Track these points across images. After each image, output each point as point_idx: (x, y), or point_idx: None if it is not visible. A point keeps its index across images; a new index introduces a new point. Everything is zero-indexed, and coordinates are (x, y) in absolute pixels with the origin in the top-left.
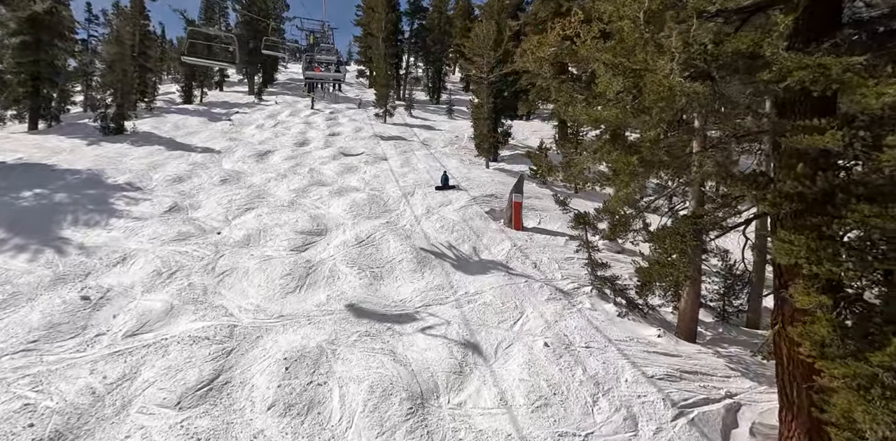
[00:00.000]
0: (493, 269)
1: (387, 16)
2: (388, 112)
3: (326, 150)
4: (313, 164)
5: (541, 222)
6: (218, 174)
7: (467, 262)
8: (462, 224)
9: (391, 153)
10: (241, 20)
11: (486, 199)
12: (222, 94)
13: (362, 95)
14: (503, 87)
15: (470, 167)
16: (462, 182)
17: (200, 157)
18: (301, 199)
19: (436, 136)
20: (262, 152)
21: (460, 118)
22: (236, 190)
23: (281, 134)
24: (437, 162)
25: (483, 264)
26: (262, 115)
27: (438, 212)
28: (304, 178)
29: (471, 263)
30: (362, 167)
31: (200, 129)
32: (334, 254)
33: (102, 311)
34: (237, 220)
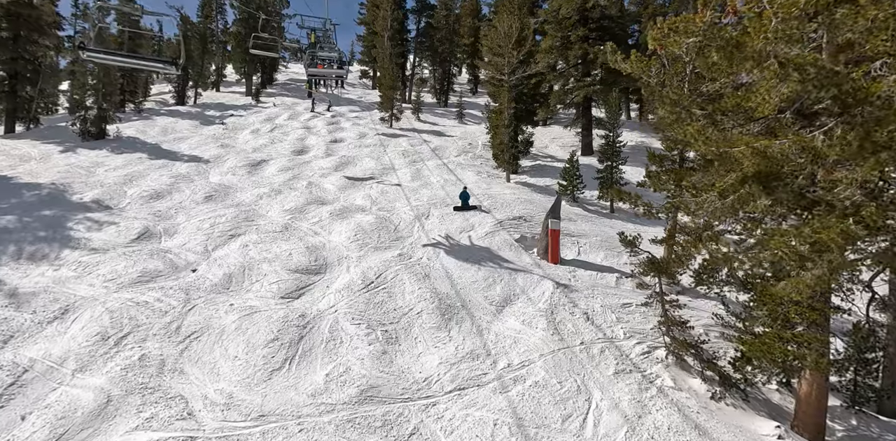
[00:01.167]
0: (537, 324)
1: (392, 13)
2: (395, 116)
3: (328, 160)
4: (312, 176)
5: (580, 253)
6: (203, 189)
7: (502, 313)
8: (490, 257)
9: (400, 164)
10: (238, 17)
11: (513, 222)
12: (218, 95)
13: (365, 97)
14: (525, 90)
15: (489, 181)
16: (483, 200)
17: (186, 168)
18: (297, 223)
19: (447, 143)
20: (256, 162)
21: (471, 123)
22: (222, 210)
23: (278, 140)
24: (451, 174)
25: (523, 316)
26: (259, 118)
27: (460, 240)
28: (302, 195)
29: (507, 314)
30: (368, 184)
31: (190, 134)
32: (336, 303)
33: (6, 409)
34: (218, 252)
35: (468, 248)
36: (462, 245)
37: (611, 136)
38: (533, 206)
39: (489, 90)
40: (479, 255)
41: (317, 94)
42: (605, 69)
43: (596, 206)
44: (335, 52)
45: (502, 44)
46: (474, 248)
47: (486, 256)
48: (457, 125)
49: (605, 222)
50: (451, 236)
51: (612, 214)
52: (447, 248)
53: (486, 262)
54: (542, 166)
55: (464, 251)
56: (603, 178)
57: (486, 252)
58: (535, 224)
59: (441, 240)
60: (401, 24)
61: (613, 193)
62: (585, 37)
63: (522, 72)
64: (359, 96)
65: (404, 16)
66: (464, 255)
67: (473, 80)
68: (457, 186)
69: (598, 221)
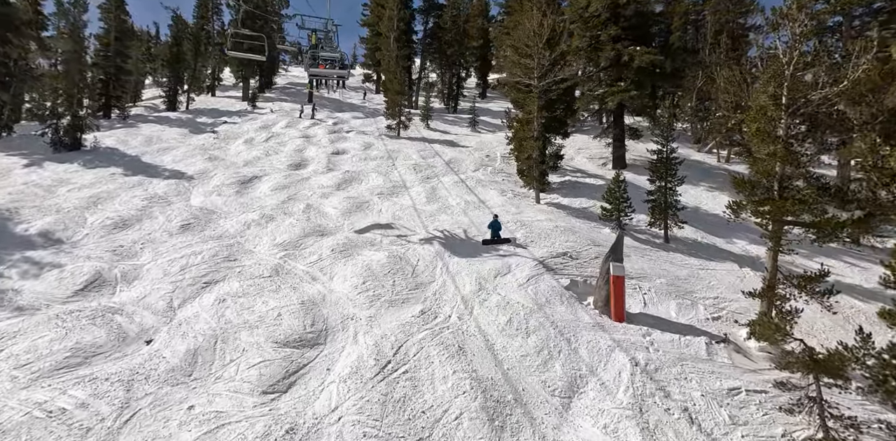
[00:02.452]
0: (625, 432)
1: (399, 13)
2: (403, 124)
3: (329, 177)
4: (311, 196)
5: (646, 303)
6: (180, 215)
7: (571, 410)
8: (538, 315)
9: (412, 180)
10: (235, 17)
11: (557, 261)
12: (213, 100)
13: (369, 102)
14: (555, 96)
15: (517, 203)
16: (514, 229)
17: (164, 187)
18: (290, 263)
19: (462, 155)
20: (247, 179)
21: (485, 131)
22: (199, 244)
23: (273, 151)
24: (472, 194)
25: (601, 416)
26: (254, 125)
27: (496, 289)
28: (298, 222)
29: (578, 413)
30: (376, 202)
31: (177, 144)
32: (340, 401)
33: None
34: (186, 311)
35: (510, 303)
36: (501, 296)
37: (664, 150)
38: (576, 238)
39: (513, 96)
40: (525, 312)
41: (316, 99)
42: (639, 72)
43: (646, 234)
44: (337, 53)
45: (531, 43)
46: (517, 302)
47: (533, 312)
48: (470, 134)
49: (663, 256)
50: (483, 281)
51: (666, 245)
52: (481, 299)
53: (535, 321)
54: (573, 183)
55: (505, 307)
56: (655, 201)
57: (531, 305)
58: (584, 263)
59: (472, 287)
60: (407, 24)
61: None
62: (617, 37)
63: (554, 75)
64: (362, 101)
65: (411, 16)
66: (506, 314)
67: (482, 84)
68: (480, 210)
69: (654, 255)
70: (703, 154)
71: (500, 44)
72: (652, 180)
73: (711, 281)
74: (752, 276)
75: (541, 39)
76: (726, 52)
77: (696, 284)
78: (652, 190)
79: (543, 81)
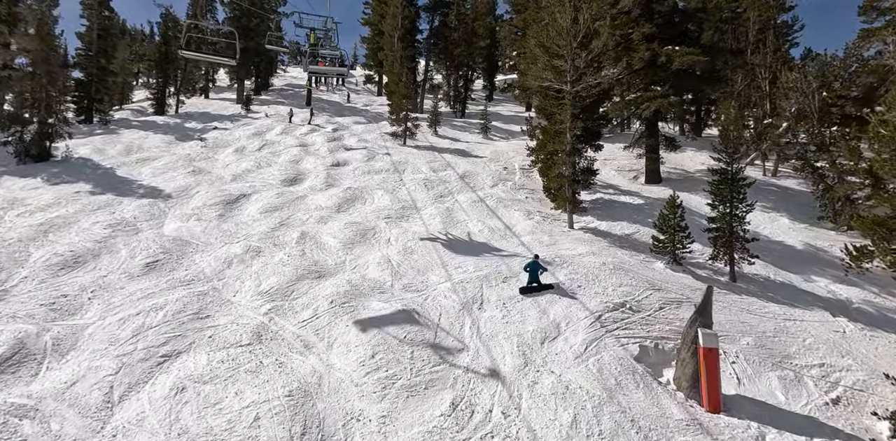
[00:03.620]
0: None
1: (403, 10)
2: (410, 131)
3: (328, 195)
4: (307, 221)
5: (739, 378)
6: (148, 248)
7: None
8: (611, 408)
9: (423, 200)
10: (229, 15)
11: (617, 316)
12: (205, 103)
13: (371, 106)
14: (588, 103)
15: (548, 229)
16: (553, 266)
17: (136, 208)
18: (278, 321)
19: (476, 166)
20: (233, 198)
21: (498, 138)
22: (164, 293)
23: (266, 163)
24: (494, 216)
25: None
26: (247, 132)
27: (547, 363)
28: (291, 259)
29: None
30: (383, 229)
31: (159, 154)
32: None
33: None
34: (127, 410)
35: (569, 388)
36: (556, 377)
37: (728, 171)
38: (630, 280)
39: (539, 103)
40: (593, 404)
41: (314, 102)
42: (678, 75)
43: (706, 270)
44: (336, 51)
45: (562, 42)
46: (579, 386)
47: (603, 404)
48: (482, 141)
49: (735, 302)
50: (528, 349)
51: (734, 284)
52: (530, 382)
53: (610, 420)
54: (607, 203)
55: (562, 392)
56: (719, 230)
57: (599, 391)
58: (649, 318)
59: (515, 361)
60: (412, 23)
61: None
62: (651, 35)
63: (592, 79)
64: (364, 104)
65: (416, 14)
66: (566, 404)
67: (489, 87)
68: (507, 240)
69: (725, 300)
70: (746, 166)
71: (509, 44)
72: (713, 205)
73: (806, 338)
74: (853, 331)
75: (574, 37)
76: (773, 52)
77: (790, 344)
78: (714, 216)
79: (577, 86)
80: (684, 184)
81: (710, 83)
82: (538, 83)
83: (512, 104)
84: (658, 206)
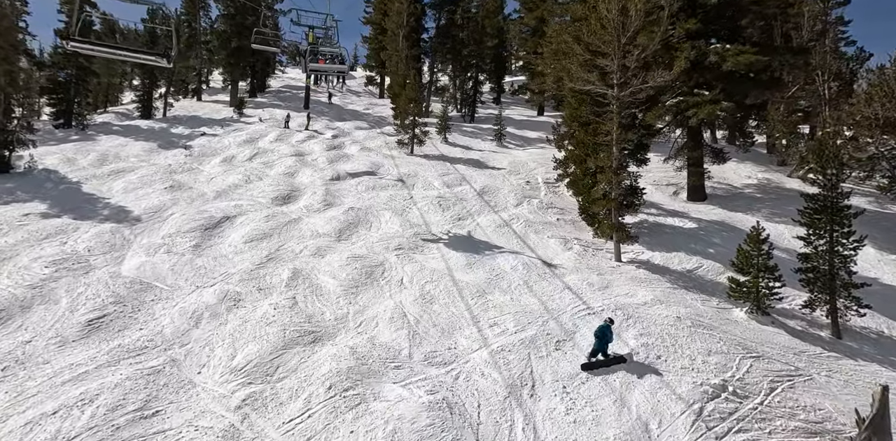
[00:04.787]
0: None
1: (409, 6)
2: (417, 138)
3: (326, 217)
4: (301, 253)
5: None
6: (95, 297)
7: None
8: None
9: (439, 223)
10: (223, 12)
11: (721, 407)
12: (196, 106)
13: (373, 109)
14: (635, 111)
15: (593, 263)
16: (616, 323)
17: (93, 237)
18: (254, 424)
19: (495, 181)
20: (214, 221)
21: (513, 146)
22: (101, 372)
23: (256, 176)
24: (526, 247)
25: None
26: (237, 138)
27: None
28: (278, 314)
29: None
30: (393, 265)
31: (137, 165)
32: None
33: None
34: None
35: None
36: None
37: (828, 196)
38: (719, 342)
39: (573, 110)
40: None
41: (312, 105)
42: (730, 77)
43: (798, 320)
44: (337, 49)
45: (607, 38)
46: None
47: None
48: (497, 150)
49: (856, 371)
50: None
51: (839, 342)
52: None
53: None
54: (653, 226)
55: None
56: (815, 270)
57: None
58: (766, 409)
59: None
60: (417, 20)
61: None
62: (696, 32)
63: (648, 81)
64: (365, 107)
65: (422, 11)
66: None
67: (497, 89)
68: (548, 281)
69: (832, 366)
70: (798, 180)
71: (521, 44)
72: (807, 239)
73: None
74: None
75: (622, 33)
76: (833, 52)
77: None
78: (807, 253)
79: (625, 90)
80: (734, 202)
81: (767, 87)
82: (579, 86)
83: (522, 107)
84: (714, 232)
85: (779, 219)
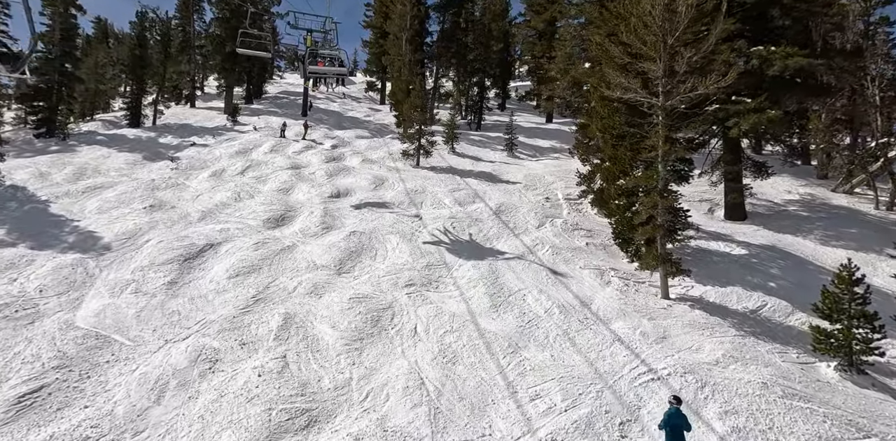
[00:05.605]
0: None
1: (412, 9)
2: (424, 149)
3: (325, 244)
4: (295, 291)
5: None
6: (34, 361)
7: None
8: None
9: (456, 252)
10: (217, 15)
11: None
12: (189, 113)
13: (374, 116)
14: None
15: (638, 302)
16: (675, 376)
17: (49, 273)
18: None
19: (511, 197)
20: (195, 250)
21: (524, 156)
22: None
23: (247, 193)
24: (559, 282)
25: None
26: (229, 149)
27: None
28: (263, 385)
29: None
30: (404, 308)
31: (117, 180)
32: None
33: None
34: None
35: None
36: None
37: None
38: (823, 421)
39: (600, 123)
40: None
41: (310, 112)
42: (775, 82)
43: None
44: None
45: (651, 38)
46: None
47: None
48: (508, 161)
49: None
50: None
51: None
52: None
53: None
54: (697, 252)
55: None
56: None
57: None
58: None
59: None
60: (421, 23)
61: None
62: (736, 33)
63: (704, 87)
64: (366, 115)
65: (426, 14)
66: None
67: (502, 95)
68: (590, 329)
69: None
70: (845, 195)
71: (528, 48)
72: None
73: None
74: None
75: (670, 32)
76: (885, 55)
77: None
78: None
79: (672, 98)
80: (779, 222)
81: (815, 93)
82: (619, 95)
83: (528, 114)
84: (768, 259)
85: (836, 242)
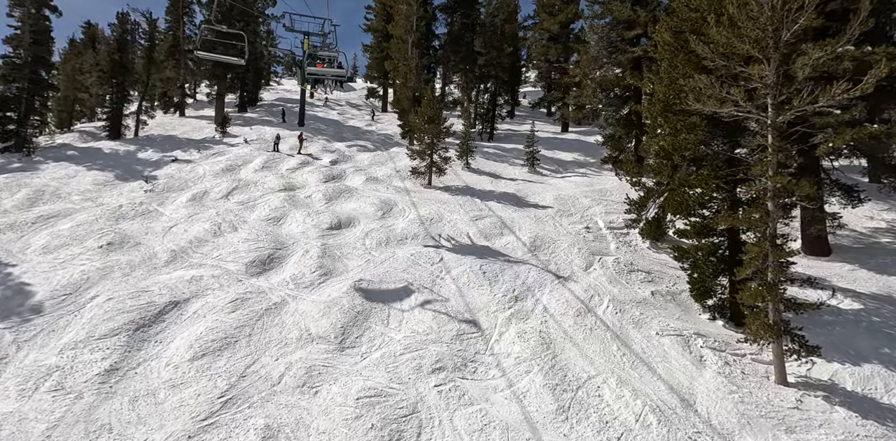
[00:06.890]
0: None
1: (418, 10)
2: (437, 167)
3: (322, 298)
4: (281, 383)
5: None
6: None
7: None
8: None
9: (489, 310)
10: (208, 18)
11: None
12: (177, 122)
13: (376, 126)
14: None
15: (761, 400)
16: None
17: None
18: None
19: (545, 227)
20: (155, 312)
21: (547, 172)
22: None
23: (230, 224)
24: (640, 362)
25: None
26: (215, 166)
27: None
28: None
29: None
30: (435, 415)
31: (78, 206)
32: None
33: None
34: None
35: None
36: None
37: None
38: None
39: (670, 142)
40: None
41: (308, 121)
42: (876, 90)
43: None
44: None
45: (759, 30)
46: None
47: None
48: (531, 179)
49: None
50: None
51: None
52: None
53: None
54: (789, 302)
55: None
56: None
57: None
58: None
59: None
60: (427, 26)
61: None
62: (818, 31)
63: (810, 101)
64: (367, 124)
65: (433, 15)
66: None
67: (511, 101)
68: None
69: None
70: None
71: (542, 52)
72: None
73: None
74: None
75: (780, 27)
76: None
77: None
78: None
79: (787, 114)
80: (875, 258)
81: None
82: (710, 108)
83: (541, 122)
84: (892, 316)
85: None
